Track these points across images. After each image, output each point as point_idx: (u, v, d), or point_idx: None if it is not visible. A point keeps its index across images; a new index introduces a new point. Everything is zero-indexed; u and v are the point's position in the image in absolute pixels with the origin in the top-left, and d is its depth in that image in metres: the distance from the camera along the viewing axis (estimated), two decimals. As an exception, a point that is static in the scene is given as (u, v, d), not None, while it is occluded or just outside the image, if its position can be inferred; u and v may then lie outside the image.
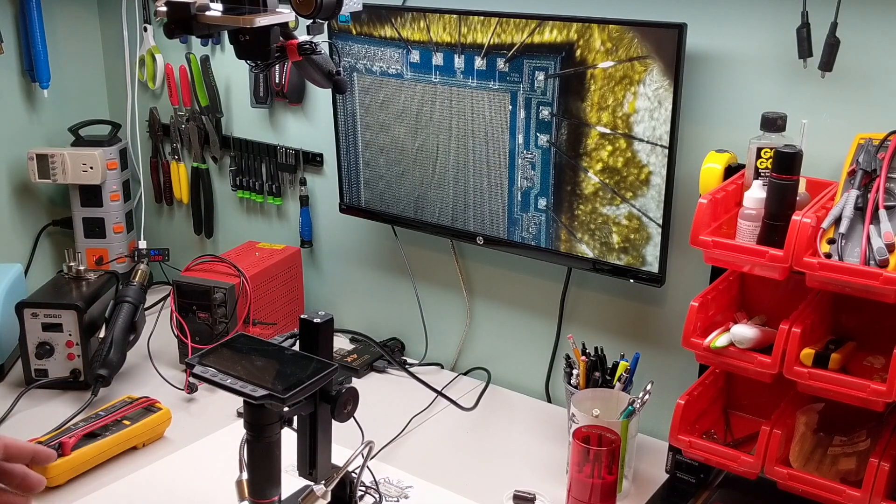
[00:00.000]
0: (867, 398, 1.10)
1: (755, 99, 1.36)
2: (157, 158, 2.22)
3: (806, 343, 1.17)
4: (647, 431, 1.54)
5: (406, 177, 1.70)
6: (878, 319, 1.23)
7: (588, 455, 1.30)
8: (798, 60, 1.29)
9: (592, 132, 1.44)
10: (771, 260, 1.14)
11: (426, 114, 1.63)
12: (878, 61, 1.26)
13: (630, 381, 1.45)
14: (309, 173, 1.97)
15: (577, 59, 1.42)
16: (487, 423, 1.64)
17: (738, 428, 1.40)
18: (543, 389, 1.75)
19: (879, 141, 1.19)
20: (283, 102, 1.95)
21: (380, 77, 1.66)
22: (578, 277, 1.65)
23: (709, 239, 1.19)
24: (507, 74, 1.50)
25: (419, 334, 1.90)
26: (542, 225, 1.56)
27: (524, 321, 1.76)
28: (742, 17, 1.35)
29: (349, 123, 1.75)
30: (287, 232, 2.05)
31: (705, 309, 1.27)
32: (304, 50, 1.30)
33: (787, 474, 1.20)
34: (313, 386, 1.13)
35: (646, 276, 1.46)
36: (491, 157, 1.58)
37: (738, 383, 1.43)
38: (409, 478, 1.44)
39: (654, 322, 1.58)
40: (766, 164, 1.24)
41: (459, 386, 1.77)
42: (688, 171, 1.43)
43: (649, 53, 1.34)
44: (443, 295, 1.86)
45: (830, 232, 1.13)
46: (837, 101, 1.30)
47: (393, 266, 1.91)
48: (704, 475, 1.39)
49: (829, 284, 1.11)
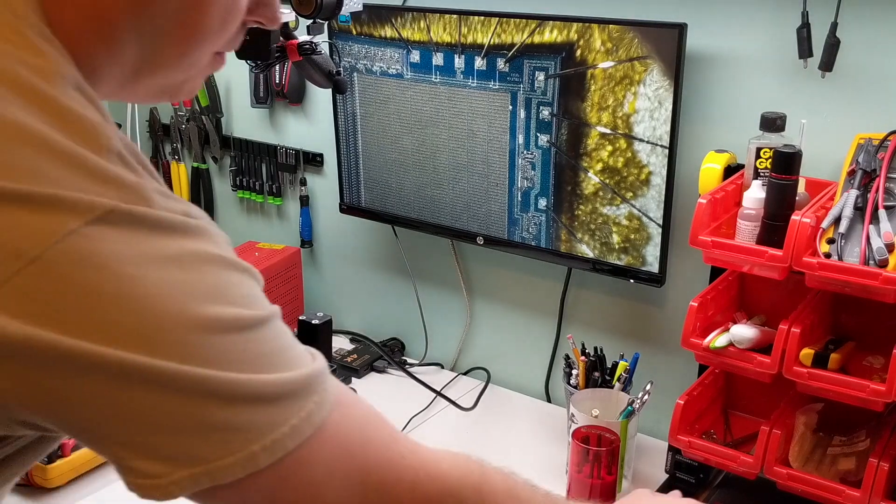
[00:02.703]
0: (867, 398, 1.10)
1: (755, 99, 1.36)
2: (157, 158, 2.22)
3: (805, 343, 1.17)
4: (647, 431, 1.54)
5: (406, 177, 1.70)
6: (878, 319, 1.23)
7: (587, 455, 1.30)
8: (798, 60, 1.29)
9: (593, 132, 1.44)
10: (770, 260, 1.14)
11: (426, 114, 1.63)
12: (878, 61, 1.26)
13: (629, 381, 1.45)
14: (309, 173, 1.97)
15: (578, 60, 1.42)
16: (487, 423, 1.64)
17: (738, 428, 1.40)
18: (543, 389, 1.75)
19: (879, 141, 1.19)
20: (284, 102, 1.95)
21: (380, 77, 1.66)
22: (578, 277, 1.65)
23: (708, 239, 1.19)
24: (508, 74, 1.50)
25: (419, 334, 1.90)
26: (542, 225, 1.56)
27: (524, 321, 1.76)
28: (742, 17, 1.35)
29: (349, 123, 1.75)
30: (287, 232, 2.05)
31: (705, 309, 1.27)
32: (305, 50, 1.31)
33: (787, 474, 1.20)
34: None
35: (646, 276, 1.46)
36: (491, 158, 1.58)
37: (737, 383, 1.43)
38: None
39: (653, 322, 1.58)
40: (766, 164, 1.24)
41: (459, 386, 1.77)
42: (688, 171, 1.43)
43: (649, 53, 1.34)
44: (443, 295, 1.86)
45: (830, 232, 1.13)
46: (837, 101, 1.30)
47: (393, 266, 1.91)
48: (704, 475, 1.39)
49: (828, 284, 1.11)
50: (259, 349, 0.54)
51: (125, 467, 0.52)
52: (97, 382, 0.49)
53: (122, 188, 0.49)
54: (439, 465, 0.65)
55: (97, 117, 0.51)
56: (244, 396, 0.52)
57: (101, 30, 0.55)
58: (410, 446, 0.64)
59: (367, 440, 0.60)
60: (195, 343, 0.50)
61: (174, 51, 0.59)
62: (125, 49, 0.57)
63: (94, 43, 0.56)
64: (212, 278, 0.52)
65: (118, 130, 0.53)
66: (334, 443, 0.57)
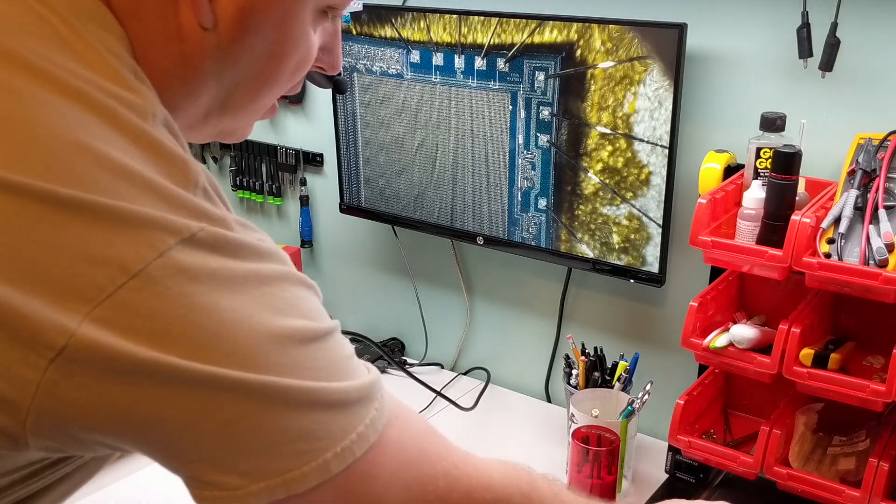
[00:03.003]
0: (867, 398, 1.10)
1: (755, 99, 1.36)
2: (157, 158, 2.22)
3: (805, 343, 1.17)
4: (647, 431, 1.54)
5: (406, 177, 1.70)
6: (878, 319, 1.23)
7: (587, 455, 1.30)
8: (798, 60, 1.29)
9: (592, 132, 1.44)
10: (770, 260, 1.14)
11: (426, 114, 1.63)
12: (878, 61, 1.26)
13: (629, 381, 1.45)
14: (309, 173, 1.97)
15: (578, 60, 1.42)
16: (487, 423, 1.64)
17: (738, 428, 1.40)
18: (543, 389, 1.75)
19: (879, 141, 1.19)
20: (283, 102, 1.95)
21: (380, 77, 1.66)
22: (578, 277, 1.65)
23: (708, 239, 1.19)
24: (508, 74, 1.50)
25: (419, 334, 1.90)
26: (542, 225, 1.56)
27: (524, 321, 1.76)
28: (742, 17, 1.35)
29: (349, 123, 1.75)
30: (287, 232, 2.05)
31: (705, 309, 1.27)
32: (304, 50, 1.31)
33: (787, 474, 1.20)
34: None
35: (646, 276, 1.46)
36: (491, 157, 1.58)
37: (737, 383, 1.43)
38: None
39: (653, 322, 1.58)
40: (766, 164, 1.24)
41: (459, 386, 1.77)
42: (688, 171, 1.43)
43: (649, 53, 1.34)
44: (443, 295, 1.86)
45: (830, 232, 1.13)
46: (837, 101, 1.30)
47: (393, 266, 1.91)
48: (704, 475, 1.39)
49: (828, 284, 1.11)
50: (328, 358, 0.56)
51: (201, 482, 0.53)
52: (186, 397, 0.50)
53: (207, 216, 0.52)
54: (490, 474, 0.68)
55: (184, 153, 0.54)
56: (319, 403, 0.54)
57: (185, 74, 0.58)
58: (462, 456, 0.67)
59: (424, 451, 0.63)
60: (275, 353, 0.52)
61: (247, 96, 0.62)
62: (203, 93, 0.60)
63: (176, 86, 0.58)
64: (285, 293, 0.55)
65: (203, 167, 0.55)
66: (394, 452, 0.60)
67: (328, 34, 0.66)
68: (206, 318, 0.50)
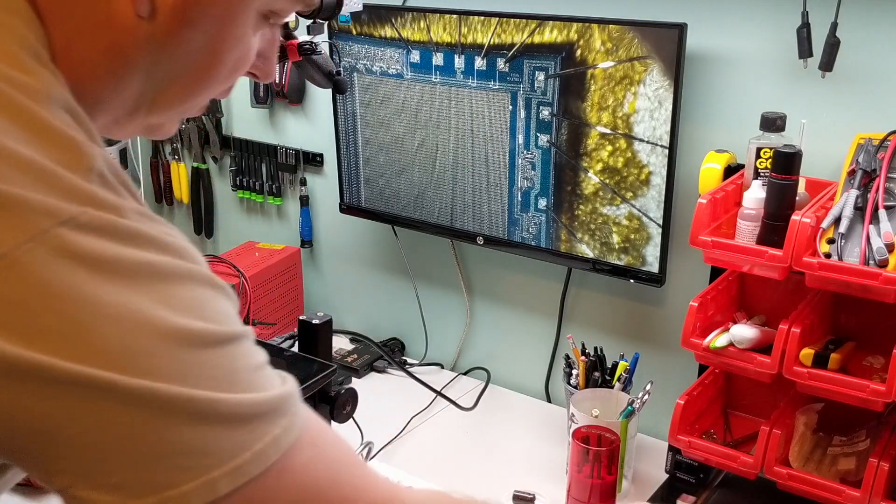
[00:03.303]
0: (867, 398, 1.10)
1: (755, 99, 1.36)
2: (157, 158, 2.22)
3: (805, 343, 1.17)
4: (647, 431, 1.54)
5: (406, 177, 1.70)
6: (878, 319, 1.23)
7: (587, 455, 1.30)
8: (798, 60, 1.29)
9: (592, 132, 1.44)
10: (770, 260, 1.14)
11: (426, 114, 1.63)
12: (878, 61, 1.26)
13: (629, 381, 1.45)
14: (309, 173, 1.97)
15: (578, 60, 1.42)
16: (487, 423, 1.64)
17: (738, 428, 1.40)
18: (543, 389, 1.75)
19: (879, 141, 1.19)
20: (283, 102, 1.95)
21: (380, 77, 1.66)
22: (578, 277, 1.65)
23: (708, 239, 1.19)
24: (508, 74, 1.50)
25: (419, 334, 1.90)
26: (542, 225, 1.56)
27: (524, 321, 1.76)
28: (742, 17, 1.35)
29: (349, 123, 1.75)
30: (287, 232, 2.05)
31: (705, 309, 1.27)
32: (305, 50, 1.30)
33: (787, 474, 1.20)
34: (312, 387, 1.13)
35: (646, 276, 1.46)
36: (491, 157, 1.58)
37: (737, 383, 1.43)
38: (408, 478, 1.44)
39: (653, 322, 1.58)
40: (766, 164, 1.24)
41: (459, 386, 1.77)
42: (688, 171, 1.43)
43: (649, 53, 1.34)
44: (443, 295, 1.86)
45: (830, 232, 1.13)
46: (837, 101, 1.30)
47: (393, 266, 1.91)
48: (704, 475, 1.39)
49: (828, 284, 1.11)
50: (228, 367, 0.51)
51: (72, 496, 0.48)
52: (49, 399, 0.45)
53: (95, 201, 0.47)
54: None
55: (81, 137, 0.50)
56: (209, 416, 0.48)
57: (113, 66, 0.55)
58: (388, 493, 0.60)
59: (337, 483, 0.56)
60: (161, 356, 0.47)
61: (178, 94, 0.59)
62: (132, 87, 0.57)
63: (104, 78, 0.55)
64: (184, 292, 0.50)
65: (105, 152, 0.51)
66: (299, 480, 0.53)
67: (266, 41, 0.64)
68: (78, 309, 0.45)
